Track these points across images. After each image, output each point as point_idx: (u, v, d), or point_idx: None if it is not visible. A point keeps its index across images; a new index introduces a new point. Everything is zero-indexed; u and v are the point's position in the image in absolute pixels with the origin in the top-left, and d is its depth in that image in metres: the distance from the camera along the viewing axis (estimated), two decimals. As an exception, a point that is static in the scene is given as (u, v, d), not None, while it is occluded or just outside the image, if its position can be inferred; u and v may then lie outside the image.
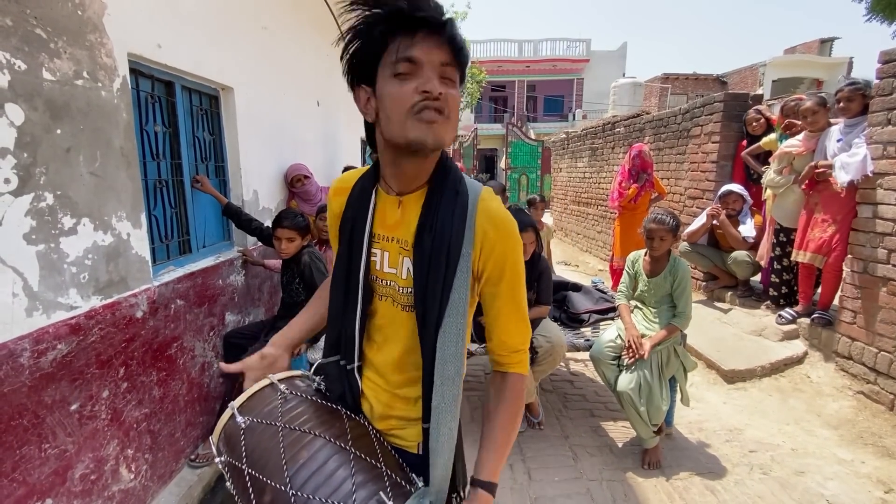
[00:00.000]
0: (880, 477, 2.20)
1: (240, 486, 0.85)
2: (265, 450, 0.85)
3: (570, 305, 3.10)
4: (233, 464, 0.87)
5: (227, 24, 2.56)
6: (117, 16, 1.73)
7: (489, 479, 0.83)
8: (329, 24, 4.31)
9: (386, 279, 0.90)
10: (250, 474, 0.83)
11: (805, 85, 15.73)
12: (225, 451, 0.90)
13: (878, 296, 2.75)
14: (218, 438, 0.91)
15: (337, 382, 0.95)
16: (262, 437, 0.87)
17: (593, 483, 2.21)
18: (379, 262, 0.90)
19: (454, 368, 0.83)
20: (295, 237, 2.45)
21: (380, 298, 0.92)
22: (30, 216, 1.41)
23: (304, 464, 0.81)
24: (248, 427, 0.88)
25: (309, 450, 0.83)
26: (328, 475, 0.80)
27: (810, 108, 3.19)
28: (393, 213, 0.88)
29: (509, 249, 0.85)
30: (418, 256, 0.83)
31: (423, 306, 0.83)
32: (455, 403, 0.84)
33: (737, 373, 3.22)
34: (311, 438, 0.85)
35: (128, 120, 1.80)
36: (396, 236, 0.88)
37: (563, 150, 9.39)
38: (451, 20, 0.75)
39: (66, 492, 1.55)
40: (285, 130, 3.45)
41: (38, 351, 1.44)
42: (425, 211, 0.84)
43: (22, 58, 1.37)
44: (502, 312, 0.88)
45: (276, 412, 0.90)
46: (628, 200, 4.40)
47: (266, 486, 0.81)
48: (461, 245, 0.82)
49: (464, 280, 0.83)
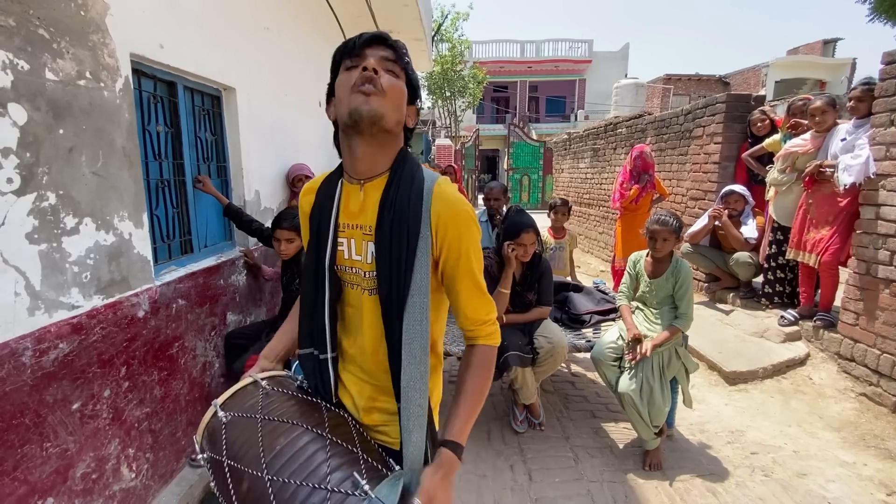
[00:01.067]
0: (882, 479, 2.19)
1: (220, 479, 0.86)
2: (244, 441, 0.87)
3: (571, 306, 3.10)
4: (213, 458, 0.89)
5: (229, 24, 2.56)
6: (120, 16, 1.73)
7: (455, 439, 0.86)
8: (331, 25, 4.32)
9: (354, 266, 0.94)
10: (230, 465, 0.85)
11: (808, 86, 15.69)
12: (207, 447, 0.92)
13: (880, 297, 2.74)
14: (201, 437, 0.94)
15: (311, 374, 0.98)
16: (242, 430, 0.89)
17: (594, 484, 2.20)
18: (346, 250, 0.94)
19: (419, 346, 0.86)
20: (294, 238, 2.44)
21: (351, 287, 0.95)
22: (32, 216, 1.41)
23: (280, 450, 0.83)
24: (229, 422, 0.91)
25: (286, 437, 0.85)
26: (304, 460, 0.81)
27: (820, 107, 3.18)
28: (356, 200, 0.93)
29: (464, 230, 0.90)
30: (380, 238, 0.88)
31: (387, 287, 0.88)
32: (423, 381, 0.86)
33: (738, 374, 3.21)
34: (289, 427, 0.87)
35: (130, 120, 1.81)
36: (360, 223, 0.92)
37: (564, 151, 9.38)
38: (387, 34, 0.92)
39: (67, 491, 1.56)
40: (287, 131, 3.46)
41: (40, 350, 1.44)
42: (385, 196, 0.90)
43: (25, 58, 1.38)
44: (463, 289, 0.93)
45: (257, 406, 0.92)
46: (629, 201, 4.40)
47: (244, 475, 0.82)
48: (419, 227, 0.87)
49: (424, 261, 0.87)
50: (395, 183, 0.90)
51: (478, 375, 0.93)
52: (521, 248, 2.38)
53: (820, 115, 3.19)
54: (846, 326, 2.98)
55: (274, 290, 3.20)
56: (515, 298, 2.50)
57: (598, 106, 21.36)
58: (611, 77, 20.26)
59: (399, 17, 5.23)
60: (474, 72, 18.72)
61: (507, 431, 2.65)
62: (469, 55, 19.55)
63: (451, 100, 18.96)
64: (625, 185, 4.49)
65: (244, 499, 0.81)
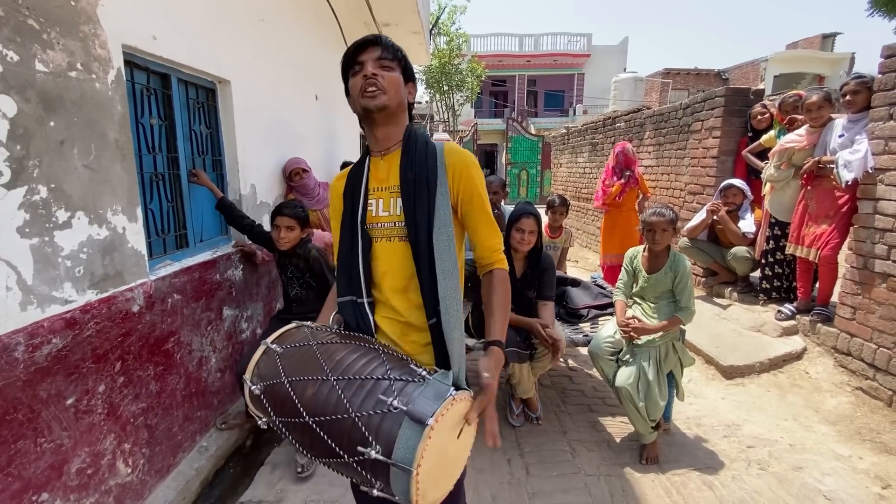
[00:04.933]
0: (878, 473, 2.20)
1: (278, 399, 0.93)
2: (303, 361, 0.96)
3: (568, 301, 3.09)
4: (270, 384, 0.95)
5: (223, 16, 2.53)
6: (111, 7, 1.71)
7: (497, 337, 1.08)
8: (328, 18, 4.27)
9: (380, 222, 1.15)
10: (290, 381, 0.92)
11: (807, 80, 15.67)
12: (259, 380, 0.98)
13: (877, 292, 2.75)
14: (252, 374, 1.01)
15: (352, 318, 1.15)
16: (297, 355, 0.98)
17: (591, 478, 2.21)
18: (374, 209, 1.16)
19: (451, 264, 1.07)
20: (294, 226, 2.40)
21: (376, 241, 1.15)
22: (23, 209, 1.40)
23: (339, 360, 0.93)
24: (283, 352, 0.99)
25: (343, 351, 0.96)
26: (362, 364, 0.92)
27: (816, 102, 3.17)
28: (383, 168, 1.17)
29: (474, 173, 1.15)
30: (405, 189, 1.10)
31: (414, 228, 1.08)
32: (457, 291, 1.06)
33: (735, 369, 3.22)
34: (343, 345, 0.99)
35: (123, 112, 1.78)
36: (387, 185, 1.16)
37: (563, 146, 9.35)
38: (376, 36, 1.13)
39: (62, 486, 1.55)
40: (283, 124, 3.43)
41: (33, 345, 1.43)
42: (403, 159, 1.14)
43: (14, 49, 1.35)
44: (479, 223, 1.16)
45: (308, 338, 1.02)
46: (612, 198, 4.41)
47: (307, 384, 0.91)
48: (437, 176, 1.11)
49: (444, 202, 1.10)
50: (410, 148, 1.14)
51: (501, 292, 1.14)
52: (518, 234, 2.36)
53: (816, 111, 3.18)
54: (843, 321, 2.99)
55: (271, 285, 3.19)
56: (514, 295, 2.47)
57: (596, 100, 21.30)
58: (610, 71, 20.18)
59: (396, 9, 5.18)
60: (472, 66, 18.63)
61: (504, 426, 2.65)
62: (467, 49, 19.42)
63: (448, 94, 18.87)
64: (607, 182, 4.49)
65: (309, 403, 0.89)
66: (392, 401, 0.84)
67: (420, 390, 0.86)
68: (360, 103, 1.12)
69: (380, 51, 1.12)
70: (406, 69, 1.17)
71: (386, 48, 1.13)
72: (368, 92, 1.09)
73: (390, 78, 1.12)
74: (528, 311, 2.47)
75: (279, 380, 0.93)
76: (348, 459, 0.84)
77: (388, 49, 1.13)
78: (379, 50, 1.12)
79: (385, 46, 1.13)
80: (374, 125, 1.15)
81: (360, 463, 0.83)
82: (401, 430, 0.81)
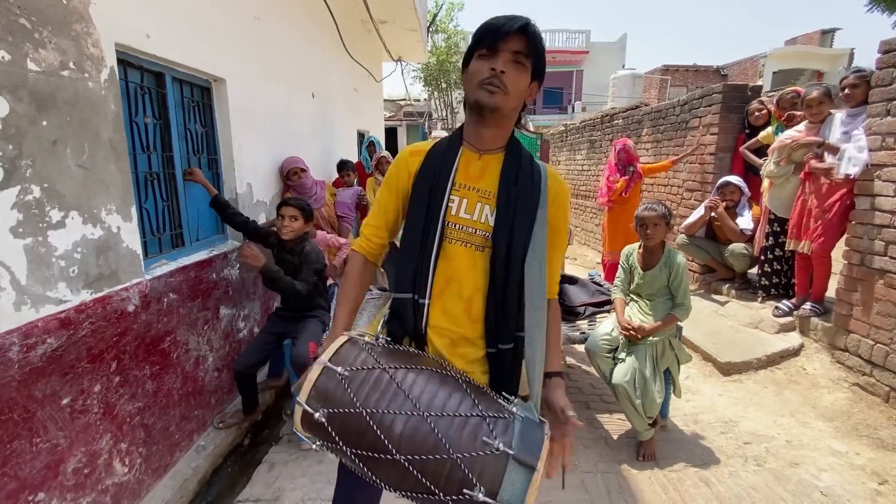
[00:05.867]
0: (875, 469, 2.21)
1: (352, 431, 0.87)
2: (379, 389, 0.89)
3: (566, 298, 3.09)
4: (339, 412, 0.88)
5: (218, 14, 2.52)
6: (104, 5, 1.70)
7: (557, 369, 1.10)
8: (324, 16, 4.26)
9: (460, 223, 1.06)
10: (370, 413, 0.86)
11: (806, 76, 15.64)
12: (322, 405, 0.90)
13: (874, 288, 2.75)
14: (307, 396, 0.91)
15: (410, 317, 1.06)
16: (369, 381, 0.91)
17: (588, 475, 2.21)
18: (455, 208, 1.06)
19: (541, 292, 1.05)
20: (298, 216, 2.48)
21: (450, 242, 1.06)
22: (16, 209, 1.39)
23: (422, 391, 0.89)
24: (350, 377, 0.91)
25: (421, 380, 0.91)
26: (449, 397, 0.89)
27: (816, 98, 3.16)
28: (478, 167, 1.08)
29: (568, 208, 1.15)
30: (503, 203, 1.04)
31: (507, 245, 1.03)
32: (542, 326, 1.05)
33: (733, 365, 3.22)
34: (416, 370, 0.93)
35: (116, 111, 1.78)
36: (478, 186, 1.07)
37: (561, 143, 9.34)
38: (527, 22, 1.00)
39: (58, 486, 1.55)
40: (279, 123, 3.42)
41: (27, 345, 1.43)
42: (506, 169, 1.07)
43: (5, 48, 1.35)
44: (556, 256, 1.14)
45: (373, 361, 0.94)
46: (618, 194, 4.41)
47: (395, 419, 0.86)
48: (539, 198, 1.06)
49: (542, 225, 1.06)
50: (514, 160, 1.08)
51: (557, 326, 1.15)
52: None
53: (816, 107, 3.18)
54: (840, 317, 2.99)
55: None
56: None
57: (595, 97, 21.25)
58: (608, 68, 20.14)
59: (393, 6, 5.17)
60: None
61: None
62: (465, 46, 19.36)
63: (447, 91, 18.83)
64: (611, 179, 4.49)
65: (400, 440, 0.85)
66: (497, 444, 0.84)
67: (517, 429, 0.88)
68: (475, 94, 1.02)
69: (522, 44, 1.00)
70: (538, 66, 1.05)
71: (529, 42, 1.00)
72: (489, 87, 0.99)
73: (517, 79, 1.01)
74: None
75: (353, 409, 0.87)
76: (445, 498, 0.84)
77: (531, 43, 1.00)
78: (521, 43, 1.00)
79: (530, 40, 1.00)
80: (482, 121, 1.06)
81: (460, 502, 0.84)
82: (506, 474, 0.82)
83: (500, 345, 1.05)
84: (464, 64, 1.08)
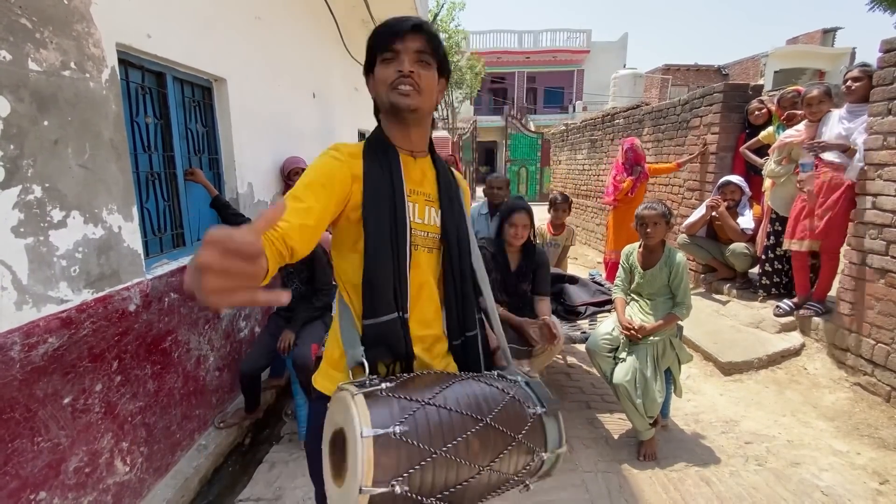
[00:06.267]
0: (875, 468, 2.20)
1: (436, 476, 0.82)
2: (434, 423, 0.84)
3: (566, 298, 3.09)
4: (416, 470, 0.79)
5: (219, 14, 2.52)
6: (105, 5, 1.70)
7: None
8: (324, 15, 4.26)
9: (418, 229, 1.04)
10: (445, 450, 0.82)
11: (807, 76, 15.61)
12: (392, 477, 0.78)
13: (875, 288, 2.74)
14: (372, 479, 0.77)
15: (396, 338, 0.99)
16: (421, 423, 0.83)
17: (588, 475, 2.21)
18: (412, 214, 1.03)
19: (485, 279, 1.13)
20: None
21: (415, 249, 1.03)
22: (17, 209, 1.40)
23: (463, 402, 0.89)
24: (401, 431, 0.80)
25: (453, 393, 0.90)
26: (479, 394, 0.93)
27: (816, 96, 3.16)
28: (416, 171, 1.07)
29: (469, 198, 1.23)
30: (446, 204, 1.07)
31: (457, 245, 1.07)
32: (492, 297, 1.15)
33: (734, 365, 3.22)
34: (443, 387, 0.90)
35: (117, 111, 1.78)
36: (421, 190, 1.06)
37: (562, 143, 9.34)
38: (419, 21, 0.98)
39: (59, 485, 1.56)
40: (280, 122, 3.42)
41: (29, 345, 1.43)
42: (438, 171, 1.10)
43: (6, 48, 1.35)
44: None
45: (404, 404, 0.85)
46: (624, 193, 4.41)
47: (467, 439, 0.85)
48: (461, 196, 1.14)
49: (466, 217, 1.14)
50: (439, 161, 1.12)
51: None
52: (511, 229, 2.38)
53: (816, 105, 3.17)
54: (841, 316, 2.98)
55: (269, 284, 3.18)
56: (510, 288, 2.49)
57: (596, 97, 21.23)
58: (609, 67, 20.12)
59: (393, 6, 5.16)
60: (471, 63, 18.56)
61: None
62: (466, 45, 19.36)
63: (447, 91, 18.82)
64: (618, 178, 4.49)
65: (479, 454, 0.87)
66: (533, 411, 0.96)
67: (530, 390, 1.00)
68: (389, 98, 0.98)
69: (422, 42, 0.98)
70: (443, 63, 1.03)
71: (429, 40, 0.99)
72: (402, 89, 0.97)
73: (427, 78, 0.99)
74: (524, 305, 2.48)
75: (429, 458, 0.80)
76: (522, 472, 0.94)
77: (431, 41, 0.99)
78: (421, 41, 0.98)
79: (429, 37, 0.98)
80: (404, 123, 1.03)
81: (529, 471, 0.95)
82: (547, 428, 0.97)
83: (466, 333, 1.10)
84: (366, 73, 1.06)
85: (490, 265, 2.47)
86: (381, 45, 0.98)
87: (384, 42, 0.98)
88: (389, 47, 0.97)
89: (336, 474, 0.85)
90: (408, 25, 0.97)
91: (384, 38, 0.98)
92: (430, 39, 0.99)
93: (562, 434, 0.97)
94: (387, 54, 0.98)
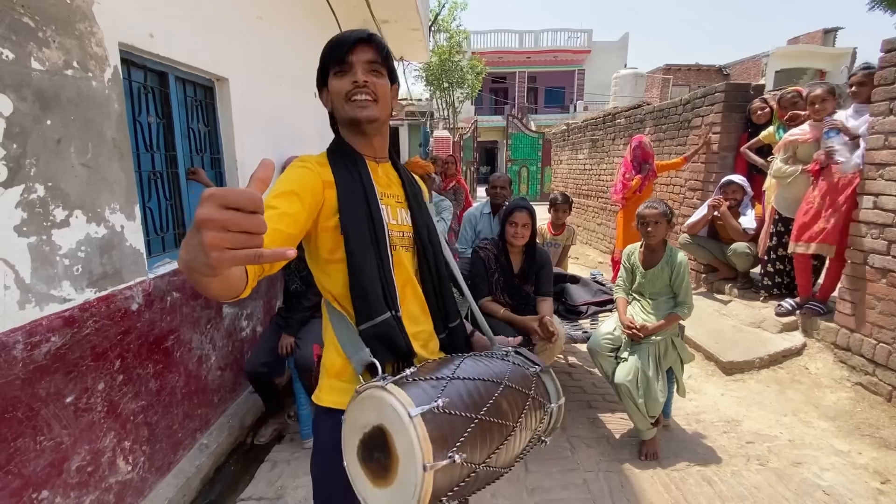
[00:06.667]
0: (877, 468, 2.20)
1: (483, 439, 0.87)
2: (466, 392, 0.90)
3: (568, 297, 3.09)
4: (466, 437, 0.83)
5: (221, 13, 2.52)
6: (107, 5, 1.70)
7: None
8: (325, 14, 4.26)
9: (394, 229, 1.08)
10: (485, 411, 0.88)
11: (808, 75, 15.59)
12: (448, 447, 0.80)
13: (877, 287, 2.74)
14: (433, 464, 0.77)
15: (395, 336, 1.01)
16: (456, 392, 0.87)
17: (590, 474, 2.21)
18: (387, 216, 1.07)
19: (456, 267, 1.20)
20: None
21: (395, 249, 1.07)
22: (20, 208, 1.40)
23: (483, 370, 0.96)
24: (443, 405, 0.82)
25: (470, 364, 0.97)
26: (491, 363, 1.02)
27: (819, 95, 3.15)
28: (382, 175, 1.12)
29: (427, 196, 1.25)
30: (414, 204, 1.12)
31: (429, 242, 1.12)
32: (471, 296, 1.22)
33: (735, 364, 3.22)
34: (460, 362, 0.95)
35: (120, 111, 1.78)
36: (390, 192, 1.11)
37: (563, 142, 9.34)
38: (366, 33, 1.02)
39: (62, 483, 1.56)
40: (282, 122, 3.43)
41: (32, 343, 1.43)
42: (401, 173, 1.16)
43: (9, 47, 1.35)
44: None
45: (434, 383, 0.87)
46: (633, 192, 4.41)
47: (498, 398, 0.92)
48: (423, 196, 1.19)
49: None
50: (397, 164, 1.17)
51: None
52: (512, 228, 2.37)
53: (820, 104, 3.17)
54: (842, 316, 2.98)
55: (270, 283, 3.19)
56: (512, 290, 2.49)
57: (597, 96, 21.23)
58: (610, 67, 20.12)
59: (395, 6, 5.16)
60: (472, 62, 18.56)
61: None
62: (467, 45, 19.36)
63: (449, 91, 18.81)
64: (627, 176, 4.50)
65: (510, 411, 0.93)
66: (533, 370, 1.06)
67: (522, 356, 1.10)
68: (345, 111, 1.02)
69: (372, 53, 1.02)
70: (392, 71, 1.08)
71: (378, 50, 1.03)
72: (358, 101, 1.00)
73: (381, 86, 1.03)
74: (527, 305, 2.47)
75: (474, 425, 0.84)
76: (541, 427, 1.02)
77: (380, 51, 1.03)
78: (371, 52, 1.02)
79: (378, 48, 1.03)
80: (364, 134, 1.06)
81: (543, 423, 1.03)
82: (546, 383, 1.08)
83: (449, 325, 1.14)
84: (319, 87, 1.10)
85: (493, 266, 2.47)
86: (334, 58, 1.02)
87: (336, 55, 1.02)
88: (342, 59, 1.01)
89: (377, 477, 0.82)
90: (358, 37, 1.01)
91: (336, 50, 1.02)
92: (380, 50, 1.03)
93: (558, 388, 1.07)
94: (340, 67, 1.02)
